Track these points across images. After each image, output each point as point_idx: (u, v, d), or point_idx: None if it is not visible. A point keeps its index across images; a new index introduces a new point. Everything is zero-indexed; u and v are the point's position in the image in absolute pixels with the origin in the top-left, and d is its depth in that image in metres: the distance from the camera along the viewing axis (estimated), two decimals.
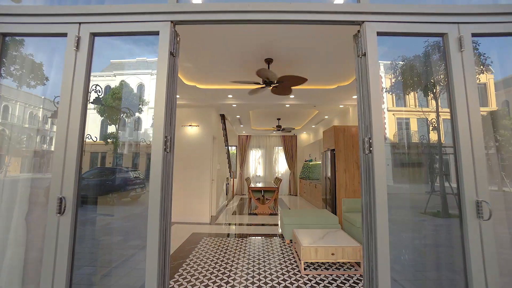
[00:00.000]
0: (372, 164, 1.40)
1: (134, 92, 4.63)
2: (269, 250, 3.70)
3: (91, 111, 7.12)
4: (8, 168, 2.17)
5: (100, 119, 6.19)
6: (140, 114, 4.21)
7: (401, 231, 2.68)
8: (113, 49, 3.72)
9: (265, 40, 3.08)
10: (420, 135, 4.24)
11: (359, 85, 1.59)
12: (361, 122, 1.55)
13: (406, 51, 2.74)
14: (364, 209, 1.48)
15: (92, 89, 5.32)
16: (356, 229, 3.95)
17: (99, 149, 4.84)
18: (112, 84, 4.96)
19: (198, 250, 3.67)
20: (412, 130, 3.97)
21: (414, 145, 3.96)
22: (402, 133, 4.37)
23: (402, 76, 3.39)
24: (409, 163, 3.79)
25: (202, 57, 3.66)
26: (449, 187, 5.77)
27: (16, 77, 2.01)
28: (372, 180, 1.40)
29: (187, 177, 5.71)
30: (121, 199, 4.44)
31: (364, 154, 1.49)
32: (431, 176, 5.20)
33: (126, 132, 4.81)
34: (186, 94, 5.26)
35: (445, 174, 5.64)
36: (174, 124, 1.55)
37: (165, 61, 1.49)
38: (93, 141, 6.30)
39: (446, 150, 4.53)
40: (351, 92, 5.09)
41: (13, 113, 2.68)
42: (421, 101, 4.31)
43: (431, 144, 3.88)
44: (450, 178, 4.41)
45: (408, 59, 3.04)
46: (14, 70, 1.93)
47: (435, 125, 4.43)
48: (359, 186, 5.30)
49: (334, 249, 2.90)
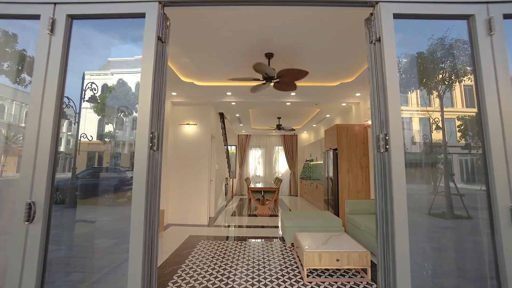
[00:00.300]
0: (389, 164, 1.22)
1: (132, 91, 4.45)
2: (270, 254, 3.52)
3: (88, 110, 6.88)
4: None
5: (97, 118, 5.97)
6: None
7: (410, 234, 2.51)
8: (108, 48, 3.50)
9: (265, 32, 2.90)
10: (423, 134, 4.08)
11: (371, 75, 1.40)
12: (374, 117, 1.36)
13: (419, 39, 2.58)
14: (379, 217, 1.30)
15: (87, 87, 5.10)
16: (361, 232, 3.77)
17: (96, 149, 4.67)
18: (109, 82, 4.77)
19: (194, 255, 3.48)
20: (414, 129, 3.80)
21: (418, 145, 3.79)
22: (405, 132, 4.19)
23: (404, 72, 3.21)
24: (410, 163, 3.63)
25: (199, 52, 3.48)
26: (455, 187, 5.57)
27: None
28: (389, 183, 1.21)
29: (185, 177, 5.52)
30: (118, 199, 4.26)
31: (379, 153, 1.31)
32: (435, 176, 5.00)
33: (123, 131, 4.62)
34: (183, 91, 5.07)
35: (450, 174, 5.44)
36: (162, 118, 1.37)
37: (151, 47, 1.30)
38: (89, 140, 6.09)
39: (449, 150, 4.35)
40: (354, 90, 4.90)
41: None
42: (424, 99, 4.14)
43: (434, 143, 3.70)
44: (454, 178, 4.23)
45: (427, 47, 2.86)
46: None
47: (438, 125, 4.25)
48: (363, 187, 5.12)
49: (339, 254, 2.72)
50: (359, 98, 5.44)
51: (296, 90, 5.03)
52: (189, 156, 5.58)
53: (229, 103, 5.77)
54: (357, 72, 4.16)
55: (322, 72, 4.16)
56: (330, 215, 4.24)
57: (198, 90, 4.96)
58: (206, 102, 5.63)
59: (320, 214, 4.32)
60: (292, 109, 6.93)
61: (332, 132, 5.50)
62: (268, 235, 4.53)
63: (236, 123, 8.65)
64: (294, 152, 10.66)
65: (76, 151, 5.84)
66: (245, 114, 7.17)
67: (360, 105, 5.59)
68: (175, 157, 5.59)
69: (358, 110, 5.69)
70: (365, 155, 5.19)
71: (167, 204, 5.41)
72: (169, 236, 4.39)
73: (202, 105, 5.73)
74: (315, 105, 5.98)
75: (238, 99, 5.45)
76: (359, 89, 4.86)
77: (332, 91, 4.98)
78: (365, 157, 5.18)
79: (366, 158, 5.17)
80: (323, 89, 4.90)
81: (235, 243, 4.01)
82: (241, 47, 3.33)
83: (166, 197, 5.36)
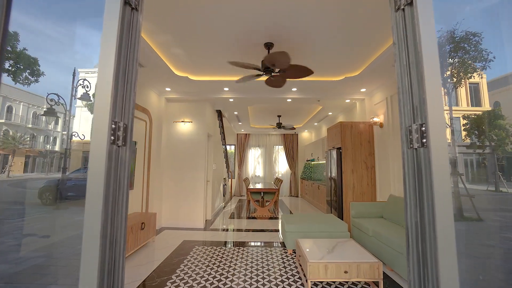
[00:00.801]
0: (428, 164, 0.92)
1: None
2: (269, 263, 3.21)
3: (83, 109, 6.48)
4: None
5: (91, 117, 5.64)
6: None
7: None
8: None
9: (266, 18, 2.59)
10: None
11: (398, 50, 1.10)
12: (403, 103, 1.07)
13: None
14: (411, 232, 1.00)
15: (79, 84, 4.71)
16: (369, 238, 3.47)
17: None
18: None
19: (187, 263, 3.18)
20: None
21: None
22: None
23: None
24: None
25: (193, 41, 3.18)
26: (464, 188, 5.22)
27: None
28: (428, 188, 0.91)
29: (180, 178, 5.22)
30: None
31: (411, 149, 1.01)
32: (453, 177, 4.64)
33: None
34: (178, 86, 4.77)
35: (460, 174, 5.10)
36: (132, 106, 1.07)
37: (115, 11, 1.00)
38: (80, 139, 5.72)
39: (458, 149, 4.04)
40: (359, 85, 4.61)
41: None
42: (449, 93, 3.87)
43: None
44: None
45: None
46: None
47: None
48: (368, 188, 4.82)
49: (348, 265, 2.42)
50: (364, 94, 5.14)
51: (298, 86, 4.73)
52: (185, 155, 5.28)
53: (226, 100, 5.47)
54: (363, 65, 3.86)
55: (326, 64, 3.87)
56: (334, 218, 3.94)
57: (193, 85, 4.66)
58: (202, 99, 5.33)
59: (323, 217, 4.02)
60: (292, 107, 6.63)
61: (336, 130, 5.20)
62: (268, 240, 4.23)
63: (234, 121, 8.35)
64: (294, 151, 10.36)
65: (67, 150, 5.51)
66: (243, 111, 6.87)
67: (365, 102, 5.29)
68: (170, 156, 5.29)
69: (363, 107, 5.40)
70: (371, 154, 4.89)
71: (161, 206, 5.11)
72: (162, 242, 4.09)
73: (198, 102, 5.43)
74: (317, 101, 5.69)
75: (236, 95, 5.16)
76: (364, 84, 4.56)
77: (336, 86, 4.68)
78: (371, 156, 4.88)
79: (371, 157, 4.88)
80: (327, 84, 4.61)
81: (232, 250, 3.71)
82: (239, 36, 3.03)
83: (159, 198, 5.06)
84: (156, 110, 4.98)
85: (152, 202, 4.74)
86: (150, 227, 3.90)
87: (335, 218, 3.94)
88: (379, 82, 4.41)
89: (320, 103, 5.93)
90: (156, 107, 4.97)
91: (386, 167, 4.47)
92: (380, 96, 4.70)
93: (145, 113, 4.51)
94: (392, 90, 4.31)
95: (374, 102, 4.90)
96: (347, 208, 4.73)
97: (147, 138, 4.62)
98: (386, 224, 3.54)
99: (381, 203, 4.14)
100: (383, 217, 3.96)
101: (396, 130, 4.21)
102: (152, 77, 4.29)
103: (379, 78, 4.22)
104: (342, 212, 4.82)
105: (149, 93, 4.69)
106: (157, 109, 5.01)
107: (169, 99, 5.35)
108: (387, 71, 3.87)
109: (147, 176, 4.59)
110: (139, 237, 3.53)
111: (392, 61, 3.55)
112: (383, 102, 4.58)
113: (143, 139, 4.50)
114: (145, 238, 3.73)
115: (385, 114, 4.50)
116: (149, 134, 4.69)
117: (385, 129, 4.53)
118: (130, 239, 3.28)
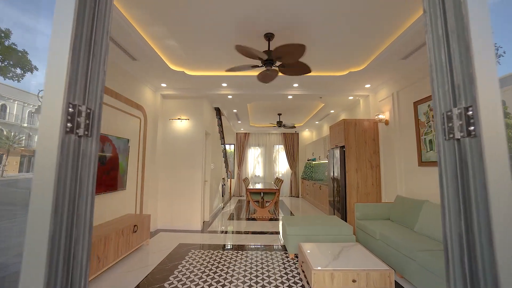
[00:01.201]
0: (480, 159, 0.71)
1: None
2: (270, 269, 3.00)
3: None
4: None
5: None
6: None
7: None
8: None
9: (266, 6, 2.38)
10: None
11: (430, 18, 0.89)
12: (437, 82, 0.85)
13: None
14: (452, 245, 0.78)
15: None
16: (376, 241, 3.26)
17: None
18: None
19: (181, 269, 2.97)
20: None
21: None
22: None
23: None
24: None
25: (189, 34, 2.97)
26: None
27: None
28: (481, 191, 0.70)
29: (176, 177, 5.00)
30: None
31: (450, 140, 0.80)
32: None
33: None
34: (174, 81, 4.56)
35: None
36: (100, 88, 0.85)
37: None
38: None
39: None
40: (363, 80, 4.40)
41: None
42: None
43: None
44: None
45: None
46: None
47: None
48: (373, 188, 4.61)
49: (356, 274, 2.20)
50: (369, 91, 4.93)
51: (300, 81, 4.52)
52: (181, 154, 5.07)
53: (225, 96, 5.25)
54: (369, 58, 3.65)
55: (330, 57, 3.65)
56: (338, 220, 3.73)
57: (190, 80, 4.45)
58: (199, 95, 5.12)
59: (327, 219, 3.81)
60: (293, 105, 6.42)
61: (339, 128, 4.99)
62: (268, 243, 4.02)
63: (233, 120, 8.14)
64: (295, 151, 10.14)
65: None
66: (243, 109, 6.66)
67: (369, 98, 5.08)
68: (166, 155, 5.07)
69: (367, 104, 5.18)
70: (376, 153, 4.68)
71: (156, 207, 4.89)
72: (156, 245, 3.87)
73: (195, 98, 5.22)
74: (319, 98, 5.47)
75: (235, 91, 4.94)
76: (369, 79, 4.35)
77: (340, 81, 4.47)
78: (376, 155, 4.67)
79: (376, 156, 4.67)
80: (330, 80, 4.40)
81: (230, 254, 3.50)
82: (237, 27, 2.81)
83: (155, 199, 4.85)
84: (152, 107, 4.77)
85: (147, 203, 4.52)
86: (143, 229, 3.68)
87: (339, 220, 3.72)
88: (385, 77, 4.20)
89: (322, 101, 5.72)
90: (151, 104, 4.75)
91: (391, 166, 4.26)
92: (385, 92, 4.49)
93: (139, 109, 4.29)
94: (399, 85, 4.10)
95: (379, 99, 4.69)
96: (351, 209, 4.52)
97: (141, 136, 4.41)
98: (394, 226, 3.33)
99: (388, 204, 3.92)
100: (390, 219, 3.75)
101: (403, 128, 4.00)
102: (147, 72, 4.08)
103: (385, 72, 4.00)
104: (346, 213, 4.61)
105: (143, 89, 4.48)
106: (152, 106, 4.79)
107: (165, 96, 5.14)
108: (394, 65, 3.66)
109: (142, 176, 4.37)
110: (131, 241, 3.32)
111: (400, 54, 3.34)
112: (388, 98, 4.37)
113: (137, 137, 4.29)
114: (138, 242, 3.51)
115: (391, 111, 4.29)
116: (144, 132, 4.48)
117: (390, 126, 4.32)
118: (121, 242, 3.07)
